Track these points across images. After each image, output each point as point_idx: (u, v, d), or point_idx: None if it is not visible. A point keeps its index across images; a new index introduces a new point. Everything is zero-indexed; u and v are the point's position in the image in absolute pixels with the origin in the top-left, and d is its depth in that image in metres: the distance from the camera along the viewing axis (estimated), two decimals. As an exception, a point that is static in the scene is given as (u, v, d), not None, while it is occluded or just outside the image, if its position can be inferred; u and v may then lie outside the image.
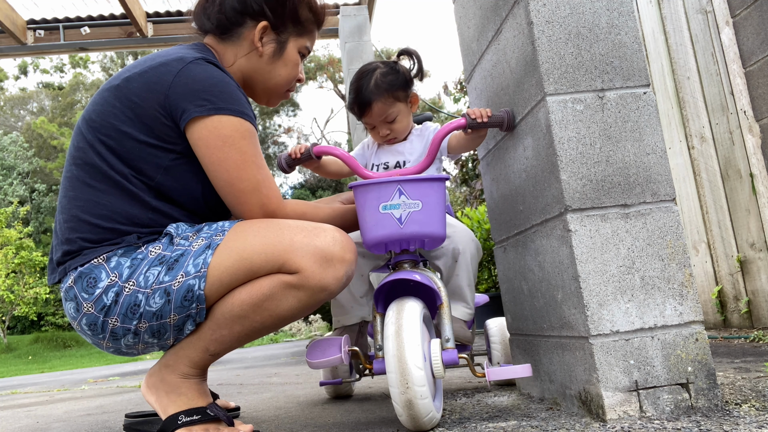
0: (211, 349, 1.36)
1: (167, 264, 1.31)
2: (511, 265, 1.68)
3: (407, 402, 1.23)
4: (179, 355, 1.37)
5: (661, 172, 1.33)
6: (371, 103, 1.71)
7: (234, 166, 1.35)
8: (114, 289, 1.30)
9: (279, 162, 1.72)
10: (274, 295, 1.32)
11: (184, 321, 1.32)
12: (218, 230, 1.36)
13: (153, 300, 1.30)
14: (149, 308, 1.30)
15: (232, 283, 1.32)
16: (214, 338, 1.34)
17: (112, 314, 1.31)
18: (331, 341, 1.61)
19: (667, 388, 1.23)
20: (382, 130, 1.76)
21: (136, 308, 1.30)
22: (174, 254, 1.32)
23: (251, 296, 1.32)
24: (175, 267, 1.30)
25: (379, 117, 1.73)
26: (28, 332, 17.79)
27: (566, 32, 1.37)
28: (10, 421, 2.30)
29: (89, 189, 1.37)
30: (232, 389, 2.79)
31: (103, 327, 1.32)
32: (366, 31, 5.60)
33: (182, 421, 1.32)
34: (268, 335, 14.46)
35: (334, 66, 22.56)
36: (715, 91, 3.19)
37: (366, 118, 1.75)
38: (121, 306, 1.30)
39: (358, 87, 1.73)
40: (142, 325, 1.31)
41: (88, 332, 1.35)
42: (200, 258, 1.31)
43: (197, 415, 1.33)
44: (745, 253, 3.06)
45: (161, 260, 1.32)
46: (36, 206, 21.27)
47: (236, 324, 1.33)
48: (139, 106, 1.36)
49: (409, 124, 1.81)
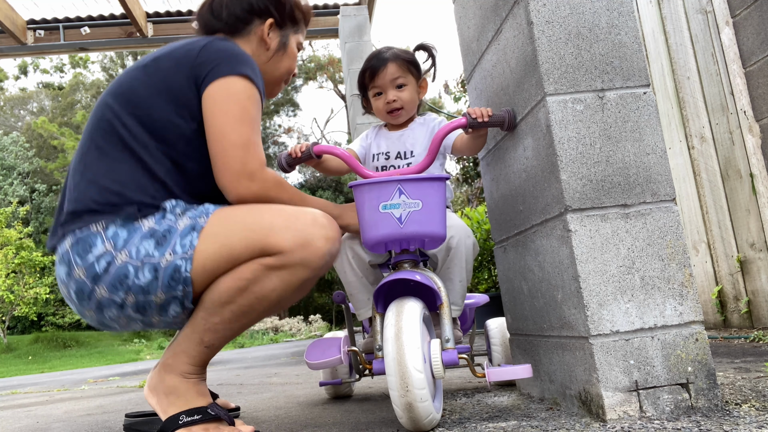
0: (206, 341, 1.37)
1: (156, 238, 1.34)
2: (511, 265, 1.68)
3: (407, 405, 1.23)
4: (177, 353, 1.39)
5: (661, 172, 1.33)
6: (387, 63, 1.73)
7: (232, 118, 1.40)
8: (107, 258, 1.33)
9: (279, 161, 1.71)
10: (257, 278, 1.34)
11: (170, 302, 1.35)
12: (202, 212, 1.39)
13: (142, 274, 1.32)
14: (137, 282, 1.32)
15: (215, 270, 1.34)
16: (207, 328, 1.36)
17: (101, 283, 1.33)
18: (330, 342, 1.61)
19: (667, 388, 1.23)
20: (389, 94, 1.75)
21: (124, 279, 1.32)
22: (162, 229, 1.35)
23: (235, 281, 1.34)
24: (163, 243, 1.34)
25: (392, 77, 1.73)
26: (28, 332, 17.78)
27: (566, 32, 1.37)
28: (10, 421, 2.30)
29: (106, 158, 1.42)
30: (232, 389, 2.80)
31: (90, 295, 1.34)
32: (366, 31, 5.60)
33: (183, 421, 1.33)
34: (268, 336, 14.46)
35: (334, 66, 22.57)
36: (715, 91, 3.19)
37: (377, 80, 1.75)
38: (111, 275, 1.32)
39: (375, 53, 1.77)
40: (128, 299, 1.33)
41: (75, 299, 1.38)
42: (187, 239, 1.34)
43: (198, 415, 1.34)
44: (745, 253, 3.06)
45: (152, 234, 1.35)
46: (36, 206, 21.27)
47: (225, 310, 1.35)
48: (168, 78, 1.44)
49: (415, 104, 1.81)
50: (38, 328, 17.94)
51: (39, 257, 14.36)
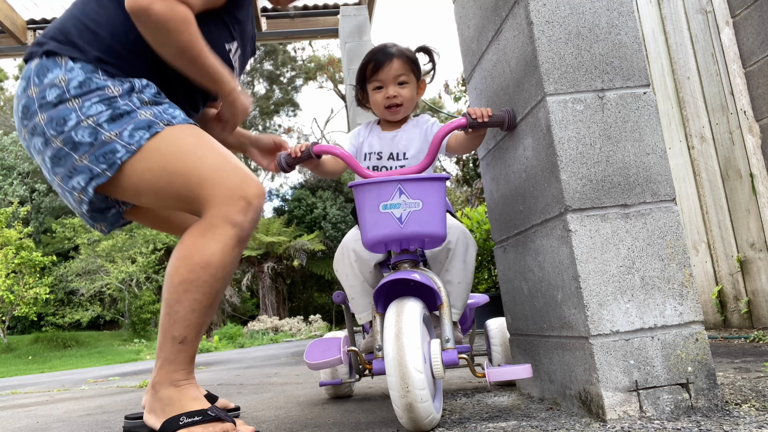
0: (177, 336, 1.39)
1: (112, 110, 1.37)
2: (511, 265, 1.68)
3: (408, 405, 1.22)
4: (160, 367, 1.41)
5: (661, 172, 1.33)
6: (393, 58, 1.72)
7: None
8: (58, 92, 1.38)
9: (279, 161, 1.68)
10: (195, 243, 1.37)
11: (83, 171, 1.39)
12: (166, 118, 1.41)
13: (81, 131, 1.36)
14: (72, 135, 1.36)
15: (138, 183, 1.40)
16: (173, 321, 1.38)
17: (44, 110, 1.38)
18: (330, 342, 1.61)
19: (667, 388, 1.23)
20: (390, 89, 1.73)
21: (63, 123, 1.37)
22: (122, 107, 1.38)
23: (177, 258, 1.39)
24: (116, 120, 1.37)
25: (395, 73, 1.72)
26: (28, 332, 17.78)
27: (566, 32, 1.36)
28: (10, 421, 2.30)
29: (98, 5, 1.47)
30: (232, 389, 2.80)
31: (32, 116, 1.40)
32: (366, 31, 5.60)
33: (183, 422, 1.33)
34: (268, 336, 14.46)
35: (334, 66, 22.56)
36: (715, 91, 3.19)
37: (380, 74, 1.73)
38: (56, 110, 1.37)
39: (381, 47, 1.76)
40: (56, 140, 1.38)
41: (20, 114, 1.44)
42: (138, 133, 1.37)
43: (198, 416, 1.34)
44: (745, 253, 3.06)
45: (110, 102, 1.38)
46: (36, 206, 21.26)
47: (181, 292, 1.37)
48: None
49: (413, 103, 1.80)
50: (38, 328, 17.94)
51: (39, 257, 14.35)
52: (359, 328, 1.86)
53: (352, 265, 1.70)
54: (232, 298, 17.60)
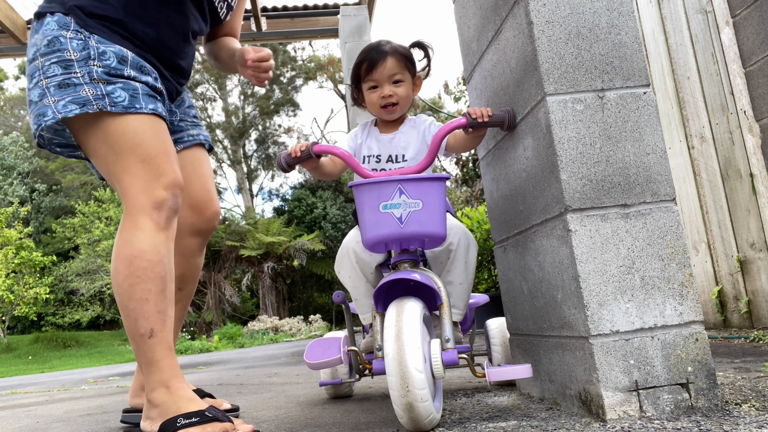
0: (143, 332, 1.42)
1: (64, 77, 1.47)
2: (511, 265, 1.68)
3: (408, 405, 1.22)
4: (144, 376, 1.44)
5: (661, 172, 1.33)
6: (386, 57, 1.69)
7: None
8: (34, 51, 1.52)
9: (278, 161, 1.66)
10: (122, 239, 1.46)
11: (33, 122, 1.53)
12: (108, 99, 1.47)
13: (36, 90, 1.50)
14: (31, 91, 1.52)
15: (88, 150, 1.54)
16: (133, 319, 1.42)
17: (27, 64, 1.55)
18: (330, 342, 1.61)
19: (667, 388, 1.23)
20: (385, 89, 1.70)
21: (30, 80, 1.52)
22: (73, 77, 1.47)
23: (113, 259, 1.47)
24: (63, 89, 1.47)
25: (390, 72, 1.69)
26: (28, 332, 17.77)
27: (566, 32, 1.36)
28: (10, 421, 2.30)
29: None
30: (232, 389, 2.80)
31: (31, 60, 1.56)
32: (366, 31, 5.60)
33: (181, 423, 1.33)
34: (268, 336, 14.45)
35: (334, 66, 22.56)
36: (715, 91, 3.19)
37: (375, 73, 1.70)
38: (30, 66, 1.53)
39: (374, 45, 1.73)
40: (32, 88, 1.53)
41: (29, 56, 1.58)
42: (71, 106, 1.46)
43: (195, 417, 1.34)
44: (745, 253, 3.06)
45: (66, 66, 1.48)
46: (36, 206, 21.26)
47: (128, 288, 1.43)
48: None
49: (409, 101, 1.77)
50: (38, 328, 17.94)
51: (39, 257, 14.35)
52: (359, 328, 1.86)
53: (354, 267, 1.69)
54: (232, 298, 17.59)
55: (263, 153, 25.65)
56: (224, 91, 24.98)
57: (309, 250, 17.73)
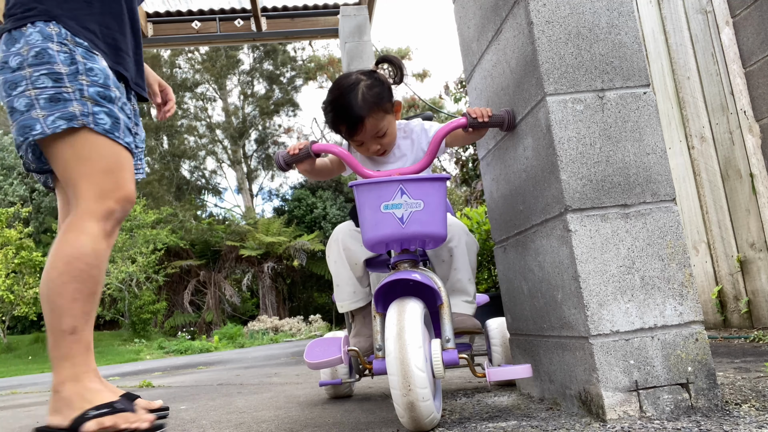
0: (66, 328, 1.48)
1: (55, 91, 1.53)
2: (511, 265, 1.68)
3: (409, 404, 1.23)
4: (56, 367, 1.49)
5: (661, 172, 1.33)
6: (363, 121, 1.58)
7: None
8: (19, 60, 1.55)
9: (277, 160, 1.65)
10: (66, 239, 1.53)
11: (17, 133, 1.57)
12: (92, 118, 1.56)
13: (22, 99, 1.54)
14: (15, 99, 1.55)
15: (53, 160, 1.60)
16: (58, 314, 1.49)
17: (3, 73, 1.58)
18: (330, 341, 1.61)
19: (667, 388, 1.23)
20: (372, 146, 1.65)
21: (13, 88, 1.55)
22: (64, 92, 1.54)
23: (52, 255, 1.53)
24: (53, 103, 1.53)
25: (371, 133, 1.61)
26: (28, 332, 17.76)
27: (566, 32, 1.37)
28: (10, 421, 2.30)
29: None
30: (232, 389, 2.80)
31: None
32: (366, 31, 5.60)
33: (91, 416, 1.41)
34: (268, 336, 14.45)
35: (334, 66, 22.55)
36: (715, 91, 3.19)
37: (357, 136, 1.62)
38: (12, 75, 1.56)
39: (345, 104, 1.59)
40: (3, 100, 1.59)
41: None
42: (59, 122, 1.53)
43: (105, 409, 1.43)
44: (745, 253, 3.06)
45: (56, 79, 1.54)
46: (36, 206, 21.27)
47: (60, 285, 1.49)
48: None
49: (395, 134, 1.71)
50: (38, 328, 17.91)
51: (39, 257, 14.34)
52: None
53: (340, 253, 1.72)
54: (232, 298, 17.59)
55: (263, 153, 25.65)
56: (224, 91, 24.97)
57: (309, 250, 17.73)
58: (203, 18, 5.80)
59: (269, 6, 5.83)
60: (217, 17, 5.77)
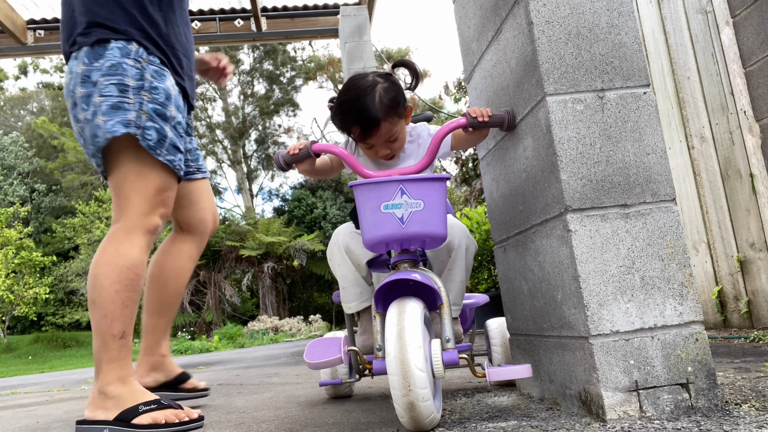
0: (116, 332, 1.60)
1: (118, 99, 1.66)
2: (511, 265, 1.68)
3: (409, 404, 1.23)
4: (103, 369, 1.60)
5: (661, 172, 1.33)
6: (379, 124, 1.54)
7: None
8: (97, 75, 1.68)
9: (277, 160, 1.65)
10: (117, 250, 1.65)
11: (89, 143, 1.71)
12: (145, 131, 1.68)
13: (89, 109, 1.67)
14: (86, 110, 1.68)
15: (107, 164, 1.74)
16: (110, 319, 1.60)
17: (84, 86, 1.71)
18: (330, 341, 1.61)
19: (667, 388, 1.23)
20: (381, 150, 1.62)
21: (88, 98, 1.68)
22: (126, 102, 1.66)
23: (104, 263, 1.65)
24: (114, 110, 1.66)
25: (385, 137, 1.58)
26: (28, 332, 17.77)
27: (566, 32, 1.37)
28: (10, 421, 2.30)
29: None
30: (232, 389, 2.79)
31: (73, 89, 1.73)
32: (366, 31, 5.60)
33: (142, 410, 1.55)
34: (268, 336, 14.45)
35: (334, 66, 22.55)
36: (715, 91, 3.19)
37: (369, 139, 1.58)
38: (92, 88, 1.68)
39: (362, 106, 1.54)
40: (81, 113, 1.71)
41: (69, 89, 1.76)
42: (117, 126, 1.65)
43: (154, 404, 1.60)
44: (745, 253, 3.06)
45: (122, 90, 1.67)
46: (36, 206, 21.26)
47: (113, 293, 1.61)
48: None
49: (405, 138, 1.69)
50: (38, 328, 17.93)
51: (39, 257, 14.35)
52: (359, 328, 1.86)
53: (343, 256, 1.71)
54: (232, 298, 17.58)
55: (263, 153, 25.64)
56: (224, 91, 24.96)
57: (309, 251, 17.72)
58: (203, 18, 5.80)
59: (269, 6, 5.83)
60: (217, 17, 5.77)
